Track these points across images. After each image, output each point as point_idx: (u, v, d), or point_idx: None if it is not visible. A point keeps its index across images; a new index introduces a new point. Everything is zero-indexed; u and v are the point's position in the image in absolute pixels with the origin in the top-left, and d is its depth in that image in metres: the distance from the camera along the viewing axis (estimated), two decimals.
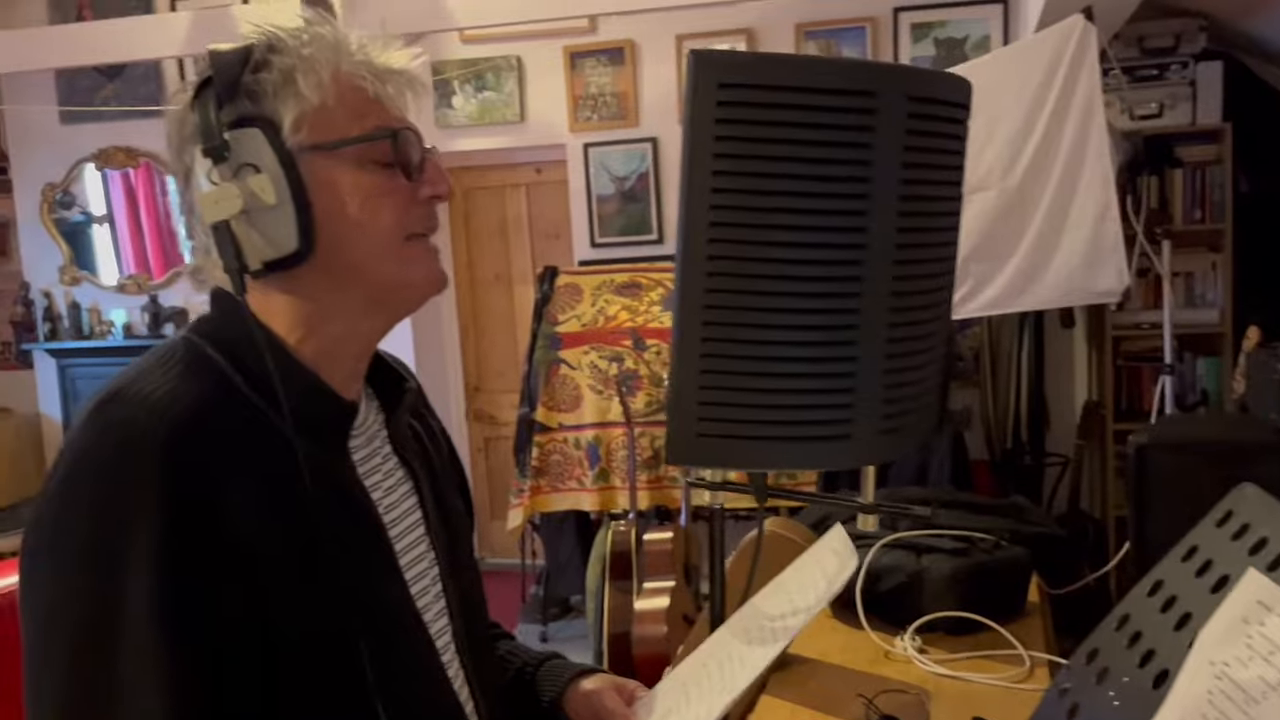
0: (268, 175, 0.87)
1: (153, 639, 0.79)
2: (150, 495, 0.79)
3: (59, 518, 0.82)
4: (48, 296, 5.53)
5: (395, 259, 0.92)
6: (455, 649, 1.03)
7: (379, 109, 0.92)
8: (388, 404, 1.05)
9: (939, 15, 4.25)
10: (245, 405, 0.88)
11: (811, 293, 0.71)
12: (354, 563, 0.90)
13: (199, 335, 0.93)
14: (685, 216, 0.71)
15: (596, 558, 3.68)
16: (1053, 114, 2.56)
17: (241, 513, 0.83)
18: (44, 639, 0.82)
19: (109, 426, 0.82)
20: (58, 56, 4.66)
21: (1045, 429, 4.13)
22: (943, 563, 1.98)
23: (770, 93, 0.69)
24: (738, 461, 0.74)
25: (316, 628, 0.87)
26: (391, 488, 1.01)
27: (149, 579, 0.79)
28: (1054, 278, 2.64)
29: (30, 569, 0.84)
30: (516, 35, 4.65)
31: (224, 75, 0.88)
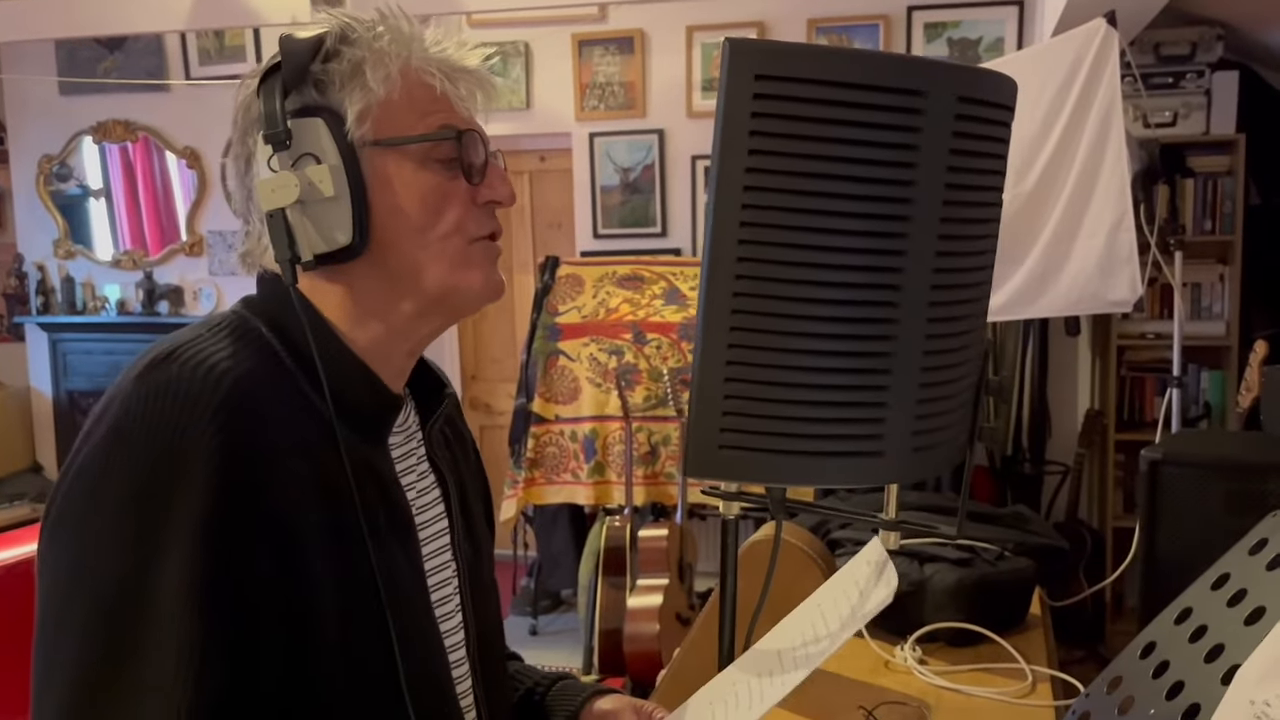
0: (327, 167, 0.86)
1: (182, 606, 0.77)
2: (198, 462, 0.78)
3: (104, 470, 0.79)
4: (41, 269, 5.48)
5: (452, 261, 0.90)
6: (468, 665, 1.01)
7: (446, 107, 0.90)
8: (424, 408, 1.03)
9: (953, 15, 4.21)
10: (293, 385, 0.87)
11: (847, 300, 0.67)
12: (385, 558, 0.89)
13: (251, 312, 0.91)
14: (714, 216, 0.66)
15: (590, 552, 3.65)
16: (1070, 119, 2.51)
17: (284, 490, 0.82)
18: (68, 596, 0.79)
19: (163, 387, 0.80)
20: (59, 26, 4.59)
21: (1046, 436, 4.09)
22: (946, 573, 1.95)
23: (810, 86, 0.64)
24: (762, 475, 0.70)
25: (343, 612, 0.85)
26: (423, 491, 0.99)
27: (188, 546, 0.77)
28: (1066, 285, 2.60)
29: (58, 531, 0.81)
30: (525, 21, 4.59)
31: (292, 62, 0.87)
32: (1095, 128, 2.48)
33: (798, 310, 0.67)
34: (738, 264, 0.66)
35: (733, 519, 0.85)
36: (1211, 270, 3.93)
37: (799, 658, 0.77)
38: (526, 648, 4.13)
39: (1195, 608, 0.94)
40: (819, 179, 0.66)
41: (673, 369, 3.73)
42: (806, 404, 0.68)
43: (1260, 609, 0.86)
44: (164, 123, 5.20)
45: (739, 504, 0.84)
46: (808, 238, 0.66)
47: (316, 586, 0.83)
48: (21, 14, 4.61)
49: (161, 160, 5.30)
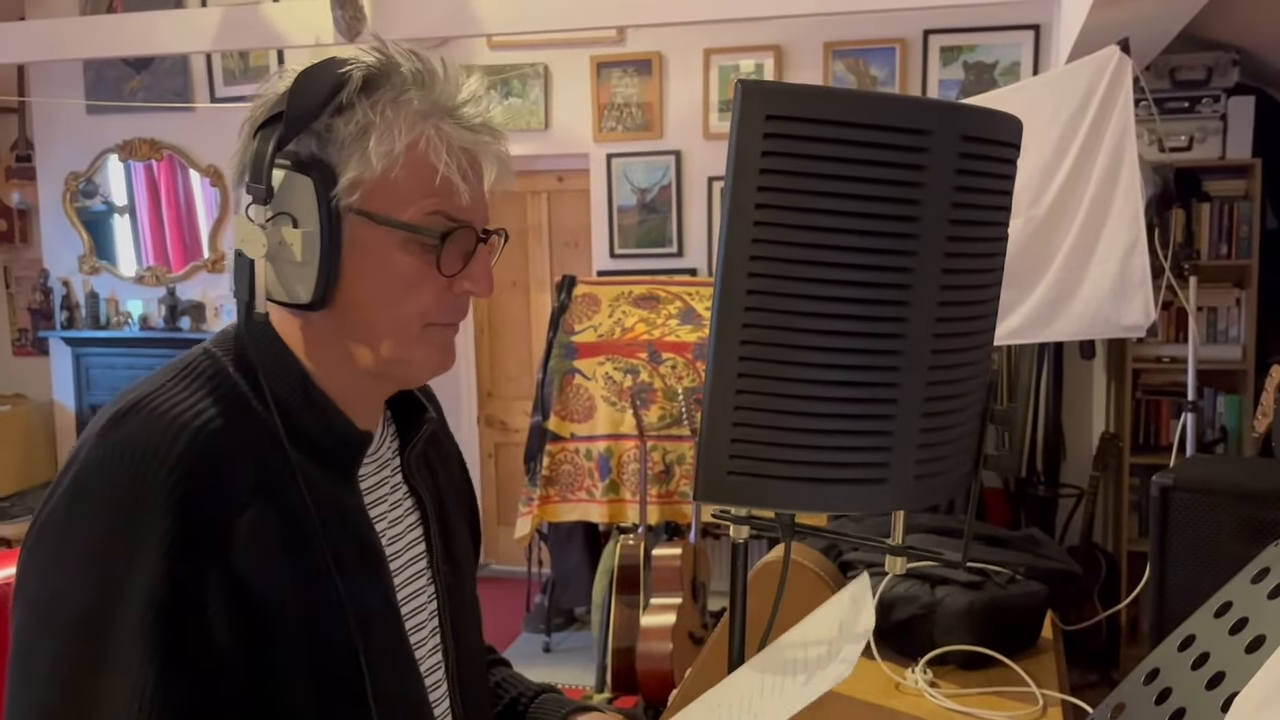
0: (302, 233, 0.84)
1: (139, 662, 0.78)
2: (156, 518, 0.79)
3: (64, 526, 0.81)
4: (66, 285, 5.55)
5: (404, 342, 0.90)
6: (446, 685, 1.01)
7: (446, 193, 0.87)
8: (404, 430, 1.02)
9: (969, 39, 4.23)
10: (258, 428, 0.86)
11: (853, 332, 0.70)
12: (351, 593, 0.89)
13: (221, 350, 0.91)
14: (726, 248, 0.69)
15: (604, 570, 3.66)
16: (1084, 144, 2.53)
17: (245, 541, 0.83)
18: (33, 642, 0.81)
19: (123, 444, 0.81)
20: (87, 47, 4.68)
21: (1061, 459, 4.09)
22: (958, 596, 1.96)
23: (818, 126, 0.67)
24: (769, 501, 0.72)
25: (313, 657, 0.85)
26: (398, 519, 0.99)
27: (145, 602, 0.78)
28: (1080, 309, 2.61)
29: (29, 568, 0.83)
30: (544, 43, 4.65)
31: (298, 110, 0.84)
32: (1109, 153, 2.49)
33: (805, 341, 0.69)
34: (747, 296, 0.69)
35: (741, 543, 0.87)
36: (1227, 294, 3.93)
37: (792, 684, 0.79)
38: (539, 665, 4.14)
39: (1198, 635, 0.95)
40: (827, 215, 0.68)
41: (688, 388, 3.75)
42: (812, 432, 0.70)
43: (1260, 637, 0.87)
44: (188, 141, 5.28)
45: (748, 527, 0.86)
46: (815, 271, 0.68)
47: (281, 631, 0.84)
48: (51, 35, 4.71)
49: (185, 178, 5.37)
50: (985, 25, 4.18)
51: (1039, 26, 4.13)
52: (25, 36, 4.76)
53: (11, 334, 5.92)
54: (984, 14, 4.06)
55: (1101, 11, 2.54)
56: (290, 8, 4.38)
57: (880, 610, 1.93)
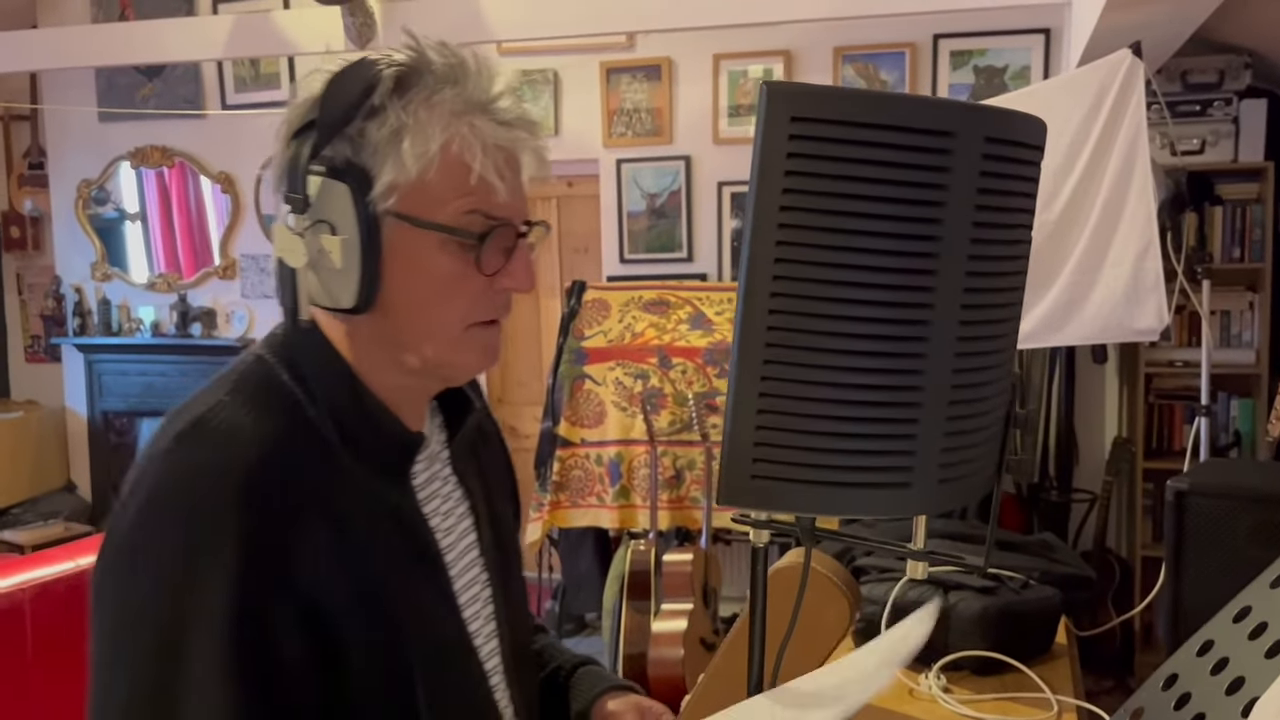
0: (340, 240, 0.84)
1: (214, 678, 0.80)
2: (222, 538, 0.81)
3: (136, 547, 0.83)
4: (79, 292, 5.58)
5: (448, 343, 0.90)
6: (503, 670, 1.03)
7: (481, 192, 0.87)
8: (451, 422, 1.04)
9: (979, 44, 4.23)
10: (315, 438, 0.88)
11: (877, 335, 0.69)
12: (412, 601, 0.91)
13: (273, 355, 0.92)
14: (750, 252, 0.69)
15: (614, 576, 3.66)
16: (1096, 149, 2.53)
17: (309, 551, 0.84)
18: (110, 665, 0.83)
19: (187, 465, 0.84)
20: (98, 55, 4.70)
21: (1074, 464, 4.07)
22: (971, 601, 1.95)
23: (844, 128, 0.67)
24: (793, 505, 0.72)
25: (375, 660, 0.87)
26: (449, 511, 1.01)
27: (218, 616, 0.80)
28: (1092, 314, 2.60)
29: (105, 587, 0.85)
30: (554, 49, 4.66)
31: (331, 113, 0.84)
32: (1121, 157, 2.49)
33: (829, 344, 0.69)
34: (771, 299, 0.68)
35: (762, 547, 0.86)
36: (1241, 298, 3.91)
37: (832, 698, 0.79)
38: None
39: (1217, 640, 0.95)
40: (851, 216, 0.68)
41: (698, 394, 3.74)
42: (837, 435, 0.70)
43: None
44: (200, 148, 5.30)
45: (768, 531, 0.86)
46: (840, 274, 0.68)
47: (347, 636, 0.85)
48: (62, 43, 4.73)
49: (196, 185, 5.39)
50: (995, 29, 4.18)
51: (1049, 30, 4.13)
52: (37, 45, 4.79)
53: (24, 340, 5.94)
54: (994, 18, 4.06)
55: (1113, 15, 2.54)
56: (301, 15, 4.40)
57: (894, 615, 1.92)
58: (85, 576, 2.42)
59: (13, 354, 5.98)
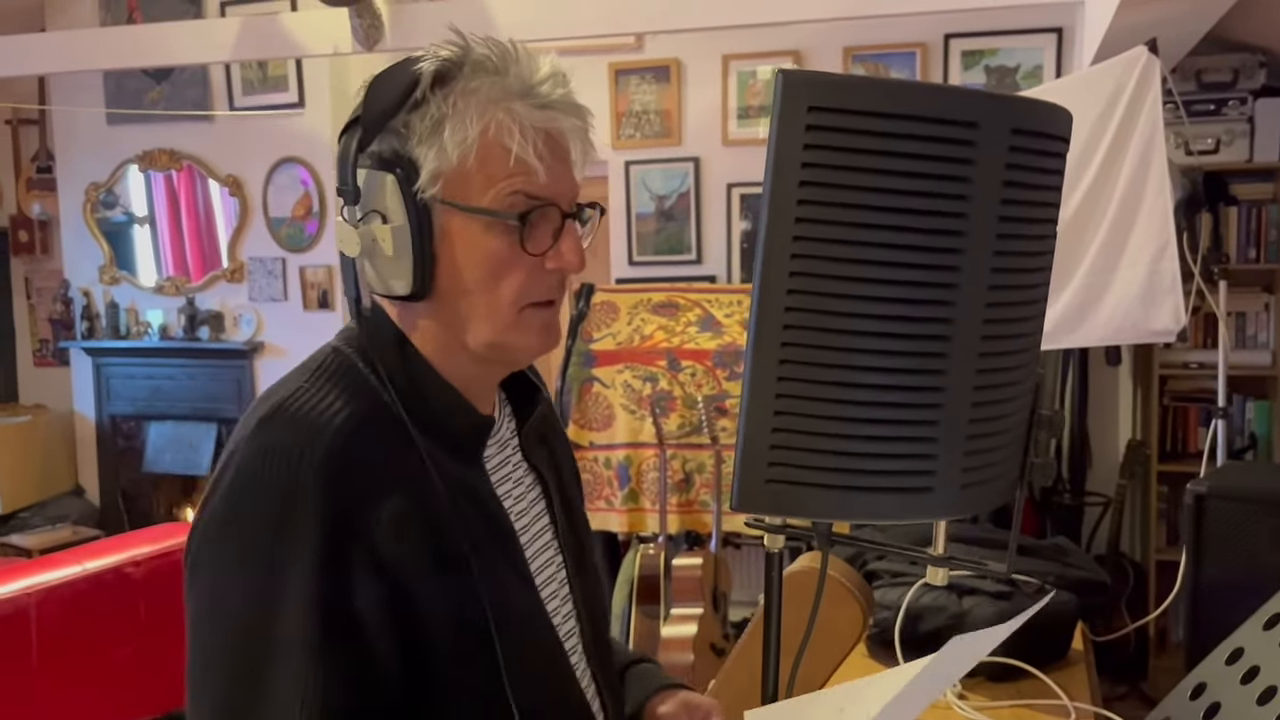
0: (391, 227, 0.89)
1: (305, 644, 0.83)
2: (305, 515, 0.84)
3: (224, 528, 0.88)
4: (87, 295, 5.57)
5: (503, 326, 0.93)
6: (583, 649, 1.04)
7: (522, 173, 0.90)
8: (519, 410, 1.07)
9: (991, 43, 4.20)
10: (392, 421, 0.90)
11: (897, 333, 0.67)
12: (489, 573, 0.92)
13: (348, 346, 0.95)
14: (765, 247, 0.66)
15: (624, 580, 3.63)
16: (1111, 147, 2.50)
17: (390, 533, 0.86)
18: (204, 639, 0.88)
19: (269, 448, 0.87)
20: (106, 58, 4.69)
21: (1087, 467, 4.03)
22: (986, 606, 1.92)
23: (863, 118, 0.64)
24: (810, 510, 0.69)
25: (456, 636, 0.89)
26: (521, 495, 1.03)
27: (304, 591, 0.83)
28: (1107, 315, 2.57)
29: (198, 567, 0.89)
30: (562, 50, 4.61)
31: (374, 112, 0.89)
32: (1137, 156, 2.46)
33: (848, 343, 0.66)
34: (788, 296, 0.66)
35: (778, 552, 0.84)
36: (1256, 299, 3.87)
37: None
38: None
39: (1247, 648, 0.92)
40: (871, 210, 0.65)
41: (707, 396, 3.72)
42: (856, 438, 0.67)
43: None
44: (208, 151, 5.29)
45: (783, 536, 0.83)
46: (859, 270, 0.66)
47: (427, 617, 0.88)
48: (70, 46, 4.73)
49: (205, 188, 5.38)
50: (1007, 29, 4.14)
51: (1062, 30, 4.09)
52: (45, 48, 4.78)
53: (32, 344, 5.94)
54: (1006, 17, 4.02)
55: (1127, 13, 2.51)
56: (308, 17, 4.38)
57: (907, 620, 1.90)
58: (91, 581, 2.41)
59: (21, 358, 5.97)
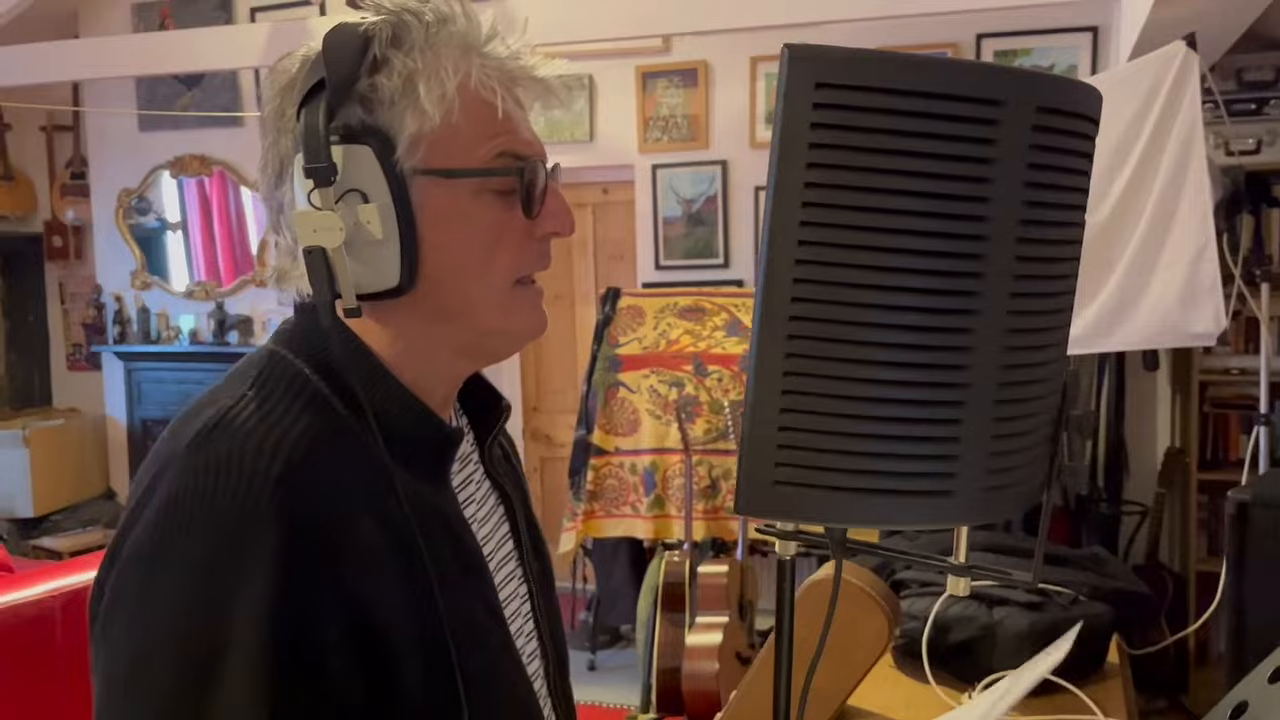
0: (376, 206, 0.77)
1: (252, 697, 0.72)
2: (262, 540, 0.72)
3: (154, 563, 0.74)
4: (119, 300, 5.62)
5: (500, 306, 0.84)
6: (545, 679, 0.97)
7: (508, 129, 0.81)
8: (478, 424, 0.97)
9: (1025, 43, 4.13)
10: (348, 434, 0.79)
11: (915, 325, 0.62)
12: (461, 605, 0.83)
13: (290, 350, 0.83)
14: (770, 234, 0.62)
15: (648, 587, 3.59)
16: (1148, 145, 2.43)
17: (356, 557, 0.76)
18: (131, 687, 0.73)
19: (219, 460, 0.74)
20: (138, 64, 4.73)
21: (1124, 475, 3.94)
22: (1017, 617, 1.87)
23: (876, 95, 0.60)
24: (821, 515, 0.65)
25: (425, 670, 0.79)
26: (486, 516, 0.94)
27: (256, 632, 0.72)
28: (1145, 318, 2.50)
29: (109, 625, 0.75)
30: (589, 54, 4.61)
31: (338, 76, 0.77)
32: (1175, 153, 2.39)
33: (861, 336, 0.62)
34: (794, 285, 0.62)
35: (789, 559, 0.80)
36: None
37: None
38: (584, 684, 4.07)
39: None
40: (884, 194, 0.61)
41: (734, 401, 3.67)
42: (870, 438, 0.63)
43: None
44: (238, 157, 5.32)
45: (795, 543, 0.79)
46: (872, 258, 0.61)
47: (396, 648, 0.78)
48: (103, 53, 4.77)
49: (236, 193, 5.41)
50: (1041, 28, 4.07)
51: (1097, 28, 4.02)
52: (79, 54, 4.83)
53: (66, 348, 6.00)
54: (1039, 16, 3.95)
55: (1163, 9, 2.44)
56: (336, 22, 4.39)
57: (936, 631, 1.84)
58: None
59: (55, 362, 6.04)
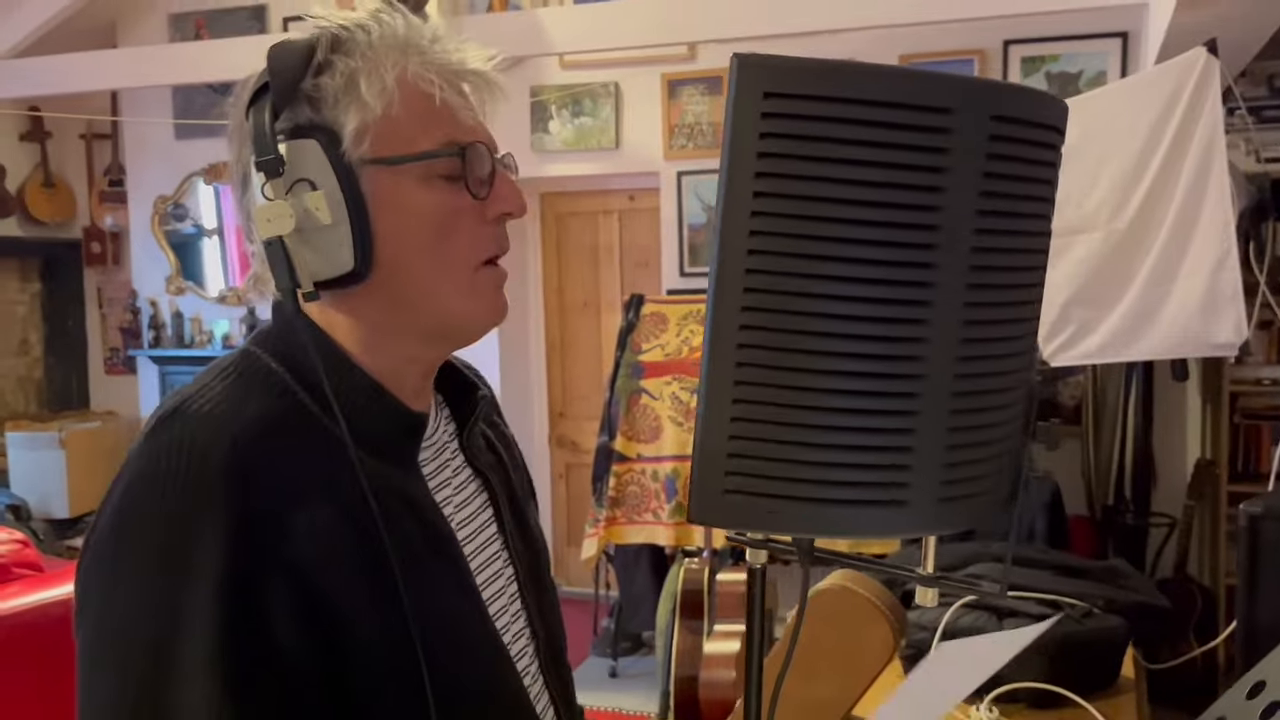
0: (323, 193, 0.81)
1: (206, 671, 0.75)
2: (212, 514, 0.76)
3: (118, 541, 0.79)
4: (154, 305, 5.72)
5: (460, 290, 0.86)
6: (538, 664, 0.98)
7: (448, 118, 0.85)
8: (459, 413, 1.00)
9: (1053, 49, 4.09)
10: (308, 419, 0.83)
11: (865, 335, 0.62)
12: (424, 581, 0.85)
13: (259, 347, 0.88)
14: (719, 244, 0.62)
15: (668, 594, 3.58)
16: (1169, 152, 2.39)
17: (308, 540, 0.79)
18: (99, 652, 0.78)
19: (169, 444, 0.79)
20: (175, 73, 4.82)
21: (1152, 486, 3.88)
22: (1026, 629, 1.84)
23: (823, 104, 0.60)
24: (771, 525, 0.65)
25: (384, 648, 0.81)
26: (465, 502, 0.96)
27: (208, 610, 0.75)
28: (1166, 327, 2.46)
29: (88, 582, 0.81)
30: (616, 62, 4.64)
31: (282, 79, 0.82)
32: (1196, 161, 2.35)
33: (810, 345, 0.62)
34: (744, 295, 0.62)
35: (759, 568, 0.80)
36: None
37: None
38: (606, 691, 4.07)
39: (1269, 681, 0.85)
40: (833, 203, 0.61)
41: None
42: (819, 447, 0.63)
43: None
44: None
45: (766, 552, 0.79)
46: (820, 266, 0.61)
47: (354, 632, 0.80)
48: (140, 62, 4.87)
49: None
50: (1069, 34, 4.03)
51: (1127, 34, 3.97)
52: (117, 64, 4.93)
53: (104, 352, 6.11)
54: (1068, 22, 3.91)
55: (1185, 14, 2.41)
56: None
57: (944, 641, 1.83)
58: None
59: (93, 365, 6.15)
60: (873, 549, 2.97)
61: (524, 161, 4.26)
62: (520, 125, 4.78)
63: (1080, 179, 2.59)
